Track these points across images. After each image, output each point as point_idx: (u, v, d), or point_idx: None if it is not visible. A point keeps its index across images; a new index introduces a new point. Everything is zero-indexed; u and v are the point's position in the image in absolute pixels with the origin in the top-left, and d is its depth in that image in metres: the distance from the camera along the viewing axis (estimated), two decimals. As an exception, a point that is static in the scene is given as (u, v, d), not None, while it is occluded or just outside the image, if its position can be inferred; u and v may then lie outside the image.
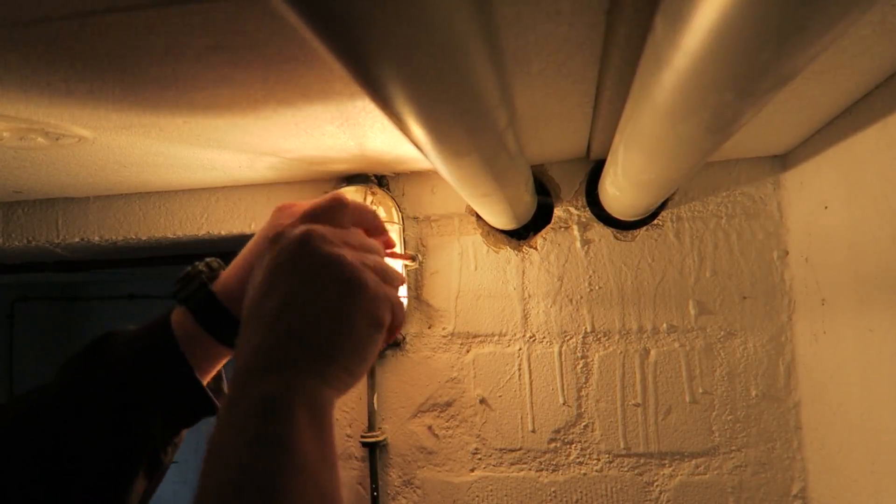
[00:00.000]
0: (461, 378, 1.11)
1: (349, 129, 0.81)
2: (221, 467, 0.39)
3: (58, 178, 1.03)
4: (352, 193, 1.04)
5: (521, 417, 1.08)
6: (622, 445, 1.05)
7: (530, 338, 1.09)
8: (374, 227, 0.52)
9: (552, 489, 1.07)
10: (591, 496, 1.06)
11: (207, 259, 0.62)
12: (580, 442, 1.06)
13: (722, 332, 1.04)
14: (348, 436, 1.13)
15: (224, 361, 0.60)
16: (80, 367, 0.55)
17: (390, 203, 1.07)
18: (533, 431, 1.08)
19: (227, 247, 1.27)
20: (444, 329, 1.12)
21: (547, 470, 1.07)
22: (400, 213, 1.09)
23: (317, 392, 0.44)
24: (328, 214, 0.48)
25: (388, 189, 1.12)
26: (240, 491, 0.37)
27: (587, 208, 1.08)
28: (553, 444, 1.07)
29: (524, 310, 1.10)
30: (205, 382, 0.58)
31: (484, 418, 1.10)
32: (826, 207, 0.88)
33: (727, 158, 1.05)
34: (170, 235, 1.19)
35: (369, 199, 1.02)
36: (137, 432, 0.54)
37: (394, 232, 1.05)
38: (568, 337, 1.08)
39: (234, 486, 0.37)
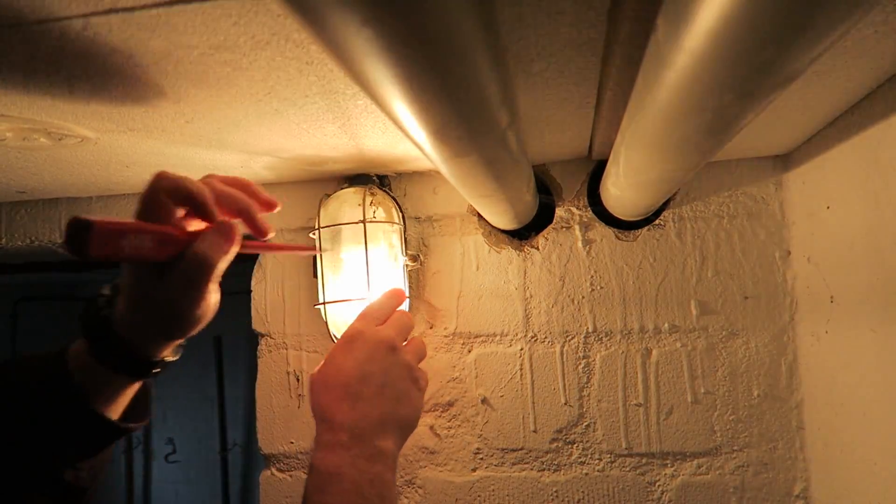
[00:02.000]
0: (463, 378, 1.11)
1: (350, 128, 0.81)
2: (350, 489, 0.57)
3: (61, 178, 1.03)
4: (351, 194, 1.03)
5: (523, 417, 1.09)
6: (624, 445, 1.05)
7: (532, 338, 1.09)
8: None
9: (554, 489, 1.07)
10: (592, 496, 1.06)
11: (109, 286, 0.65)
12: (582, 442, 1.06)
13: (724, 332, 1.04)
14: (350, 435, 1.14)
15: (131, 388, 0.63)
16: None
17: (390, 204, 1.06)
18: (535, 431, 1.08)
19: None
20: (445, 329, 1.12)
21: (549, 470, 1.07)
22: (401, 214, 1.09)
23: (396, 451, 0.65)
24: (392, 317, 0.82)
25: (390, 189, 1.13)
26: None
27: (589, 208, 1.08)
28: (555, 444, 1.07)
29: (526, 310, 1.10)
30: (116, 409, 0.62)
31: (486, 418, 1.10)
32: (828, 207, 0.88)
33: (729, 158, 1.05)
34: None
35: (369, 199, 1.02)
36: (29, 456, 0.57)
37: (394, 233, 1.05)
38: (570, 337, 1.08)
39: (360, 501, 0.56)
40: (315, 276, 1.09)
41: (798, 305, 1.01)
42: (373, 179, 1.09)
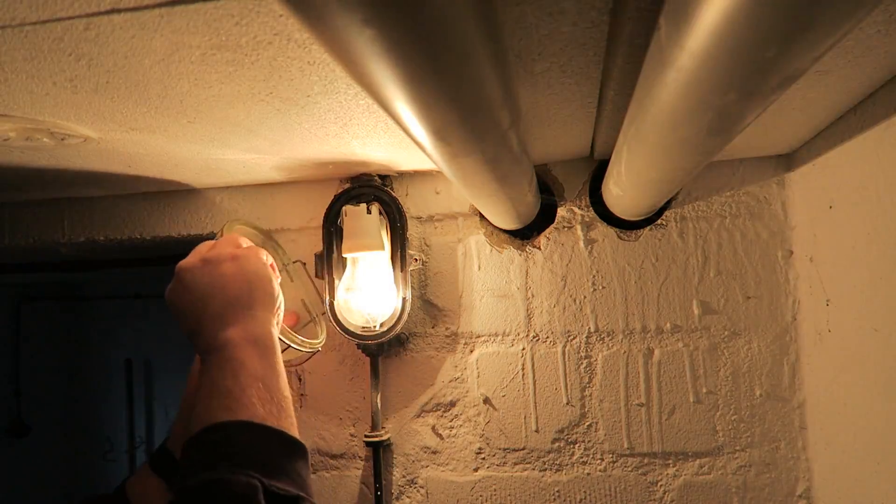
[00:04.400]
0: (465, 378, 1.11)
1: (353, 128, 0.81)
2: (205, 390, 0.63)
3: (63, 177, 1.04)
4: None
5: (525, 417, 1.08)
6: (626, 445, 1.05)
7: (534, 337, 1.09)
8: None
9: (556, 489, 1.07)
10: (594, 496, 1.06)
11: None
12: (584, 442, 1.06)
13: (726, 332, 1.04)
14: (352, 435, 1.14)
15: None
16: None
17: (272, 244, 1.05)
18: (536, 431, 1.08)
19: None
20: (447, 329, 1.12)
21: (550, 470, 1.07)
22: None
23: (253, 328, 0.68)
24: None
25: (392, 188, 1.12)
26: (217, 396, 0.61)
27: (591, 208, 1.08)
28: (557, 444, 1.07)
29: (528, 309, 1.09)
30: None
31: (487, 418, 1.10)
32: (831, 207, 0.88)
33: (731, 158, 1.05)
34: (174, 235, 1.20)
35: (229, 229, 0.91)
36: None
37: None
38: (571, 337, 1.08)
39: (212, 394, 0.62)
40: (318, 276, 1.09)
41: (800, 305, 1.01)
42: (374, 179, 1.09)
